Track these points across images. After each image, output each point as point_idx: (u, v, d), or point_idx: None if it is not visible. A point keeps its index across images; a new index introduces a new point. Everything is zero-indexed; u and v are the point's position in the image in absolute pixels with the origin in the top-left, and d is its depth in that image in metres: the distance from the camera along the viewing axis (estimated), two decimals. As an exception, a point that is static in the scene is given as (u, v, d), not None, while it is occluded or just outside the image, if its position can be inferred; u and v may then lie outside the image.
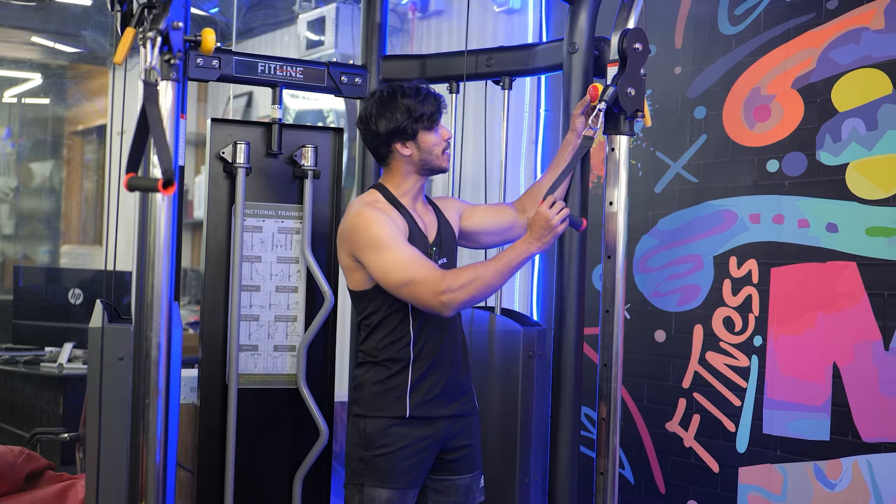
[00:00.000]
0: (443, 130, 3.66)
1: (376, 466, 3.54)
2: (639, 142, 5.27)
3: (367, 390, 3.61)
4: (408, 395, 3.56)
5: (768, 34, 4.72)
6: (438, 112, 3.63)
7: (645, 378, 5.19)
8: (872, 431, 4.27)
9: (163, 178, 2.78)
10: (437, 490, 3.68)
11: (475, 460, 3.74)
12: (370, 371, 3.62)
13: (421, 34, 6.89)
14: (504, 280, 3.46)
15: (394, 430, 3.55)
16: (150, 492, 3.23)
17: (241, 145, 4.19)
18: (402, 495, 3.54)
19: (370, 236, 3.49)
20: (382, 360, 3.60)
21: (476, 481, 3.74)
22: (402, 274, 3.43)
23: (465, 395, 3.72)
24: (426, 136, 3.61)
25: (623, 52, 3.74)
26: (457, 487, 3.68)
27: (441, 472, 3.67)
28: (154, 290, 3.20)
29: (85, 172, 11.00)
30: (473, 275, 3.40)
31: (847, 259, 4.37)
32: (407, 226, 3.59)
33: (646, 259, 5.21)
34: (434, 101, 3.62)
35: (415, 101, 3.59)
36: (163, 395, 3.22)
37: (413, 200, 3.68)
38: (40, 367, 6.66)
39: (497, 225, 3.91)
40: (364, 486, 3.55)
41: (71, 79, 10.49)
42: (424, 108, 3.59)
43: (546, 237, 3.42)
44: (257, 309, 4.29)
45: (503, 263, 3.42)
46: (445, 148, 3.65)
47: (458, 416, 3.67)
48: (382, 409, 3.57)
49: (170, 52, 3.20)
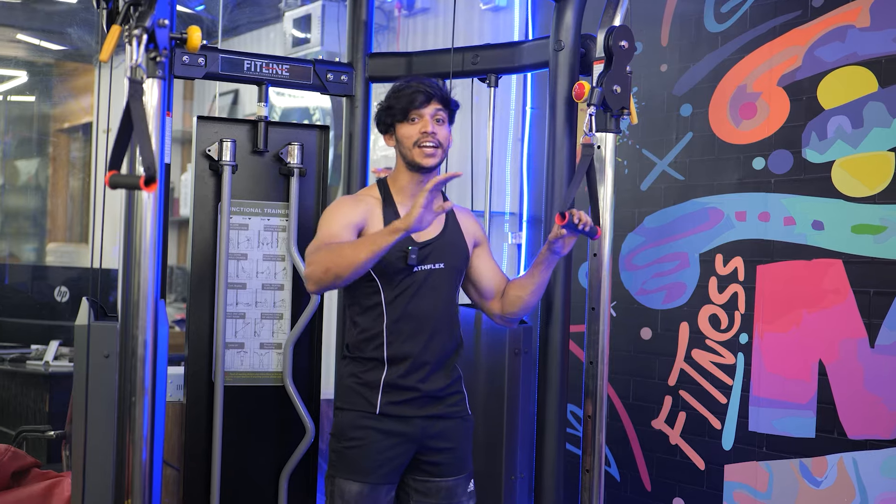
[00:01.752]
0: (423, 122, 3.57)
1: (346, 459, 3.54)
2: (625, 139, 5.27)
3: (344, 383, 3.63)
4: (380, 393, 3.54)
5: (754, 32, 4.73)
6: (414, 103, 3.55)
7: (631, 376, 5.20)
8: (858, 429, 4.28)
9: (145, 176, 2.78)
10: (419, 491, 3.63)
11: (461, 464, 3.67)
12: (349, 365, 3.64)
13: (407, 32, 6.90)
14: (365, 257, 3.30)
15: (365, 423, 3.54)
16: (137, 489, 3.22)
17: (227, 143, 4.19)
18: (371, 490, 3.51)
19: (322, 219, 3.56)
20: (358, 357, 3.60)
21: (462, 485, 3.67)
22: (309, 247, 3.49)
23: (448, 399, 3.65)
24: (401, 127, 3.59)
25: (609, 49, 3.74)
26: (438, 490, 3.63)
27: (422, 473, 3.62)
28: (140, 288, 3.19)
29: (71, 170, 10.98)
30: (337, 248, 3.36)
31: (833, 257, 4.38)
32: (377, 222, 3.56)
33: (632, 257, 5.21)
34: (411, 93, 3.56)
35: (391, 94, 3.61)
36: (149, 392, 3.22)
37: (411, 197, 3.63)
38: (26, 364, 6.65)
39: (486, 284, 3.81)
40: (335, 477, 3.55)
41: (57, 76, 10.47)
42: (395, 101, 3.58)
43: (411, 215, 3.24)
44: (243, 307, 4.29)
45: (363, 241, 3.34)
46: (419, 141, 3.56)
47: (439, 417, 3.62)
48: (354, 402, 3.57)
49: (155, 50, 3.19)
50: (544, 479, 3.95)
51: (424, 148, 3.55)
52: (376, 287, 3.54)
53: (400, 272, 3.54)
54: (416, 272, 3.56)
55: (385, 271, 3.52)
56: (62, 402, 6.20)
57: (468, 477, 3.70)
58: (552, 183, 4.00)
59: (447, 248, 3.65)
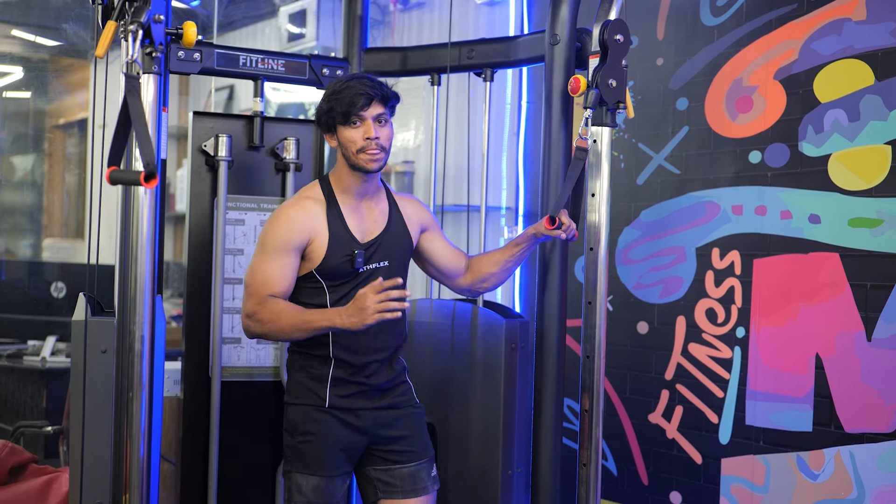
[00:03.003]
0: (366, 127, 3.50)
1: (301, 453, 3.58)
2: (621, 133, 5.27)
3: (293, 378, 3.66)
4: (328, 387, 3.58)
5: (750, 25, 4.73)
6: (355, 108, 3.47)
7: (627, 370, 5.20)
8: (855, 422, 4.28)
9: (145, 171, 2.78)
10: (382, 480, 3.68)
11: (421, 450, 3.72)
12: (298, 360, 3.66)
13: (402, 26, 6.89)
14: (298, 336, 3.46)
15: (316, 416, 3.57)
16: (134, 484, 3.23)
17: (223, 138, 4.18)
18: (328, 483, 3.55)
19: (263, 233, 3.55)
20: (306, 352, 3.62)
21: (425, 469, 3.71)
22: (249, 279, 3.51)
23: (394, 391, 3.70)
24: (343, 131, 3.52)
25: (604, 43, 3.74)
26: (403, 476, 3.67)
27: (382, 462, 3.67)
28: (137, 284, 3.19)
29: (67, 166, 10.96)
30: (276, 316, 3.42)
31: (829, 250, 4.38)
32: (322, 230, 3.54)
33: (628, 251, 5.21)
34: (352, 96, 3.47)
35: (333, 92, 3.52)
36: (146, 388, 3.22)
37: (355, 197, 3.61)
38: (23, 360, 6.66)
39: (444, 265, 3.86)
40: (292, 472, 3.59)
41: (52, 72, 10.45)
42: (336, 103, 3.50)
43: (354, 320, 3.28)
44: (240, 302, 4.29)
45: (305, 322, 3.39)
46: (364, 148, 3.50)
47: (387, 408, 3.66)
48: (304, 398, 3.60)
49: (151, 46, 3.19)
50: (541, 473, 3.95)
51: (369, 153, 3.50)
52: (321, 288, 3.57)
53: (346, 274, 3.56)
54: (361, 272, 3.58)
55: (330, 274, 3.55)
56: (59, 397, 6.20)
57: (430, 461, 3.75)
58: (548, 177, 3.99)
59: (392, 243, 3.67)
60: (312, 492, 3.54)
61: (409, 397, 3.75)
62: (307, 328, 3.38)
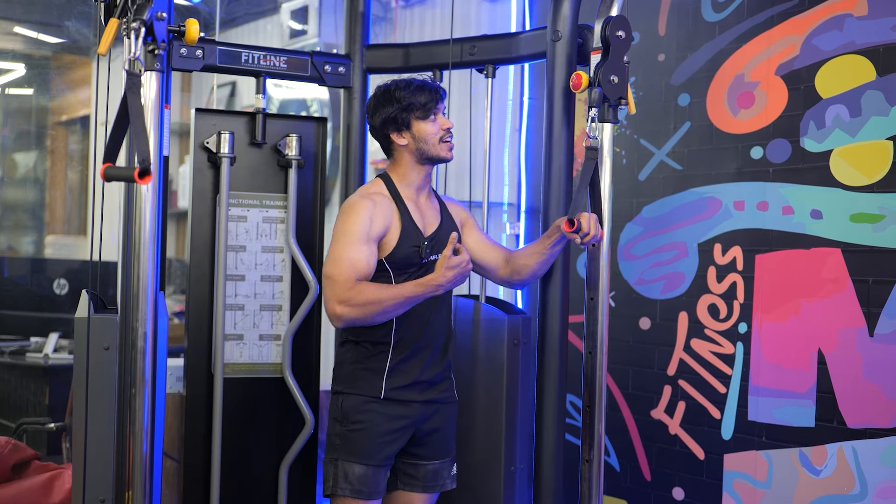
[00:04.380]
0: (441, 120, 3.72)
1: (351, 442, 3.64)
2: (623, 129, 5.27)
3: (346, 369, 3.73)
4: (384, 378, 3.67)
5: (752, 21, 4.73)
6: (434, 102, 3.71)
7: (630, 365, 5.20)
8: (857, 418, 4.28)
9: (139, 168, 2.78)
10: (406, 472, 3.79)
11: (446, 446, 3.83)
12: (350, 351, 3.73)
13: (404, 23, 6.89)
14: (398, 312, 3.55)
15: (369, 407, 3.65)
16: (137, 481, 3.23)
17: (225, 135, 4.18)
18: (375, 473, 3.64)
19: (341, 224, 3.63)
20: (362, 342, 3.70)
21: (446, 467, 3.84)
22: (329, 267, 3.57)
23: (443, 384, 3.81)
24: (420, 125, 3.70)
25: (606, 39, 3.74)
26: (426, 472, 3.79)
27: (410, 455, 3.77)
28: (140, 281, 3.20)
29: (69, 163, 10.96)
30: (376, 297, 3.49)
31: (831, 246, 4.38)
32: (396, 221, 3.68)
33: (630, 246, 5.21)
34: (428, 93, 3.70)
35: (406, 91, 3.69)
36: (149, 384, 3.22)
37: (416, 192, 3.78)
38: (26, 357, 6.66)
39: (481, 258, 3.95)
40: (339, 460, 3.65)
41: (54, 69, 10.45)
42: (416, 98, 3.68)
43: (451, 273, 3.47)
44: (242, 298, 4.29)
45: (405, 296, 3.50)
46: (444, 137, 3.72)
47: (434, 402, 3.76)
48: (359, 387, 3.68)
49: (154, 43, 3.20)
50: (544, 469, 3.95)
51: (448, 143, 3.73)
52: (388, 276, 3.67)
53: (412, 265, 3.69)
54: (424, 263, 3.71)
55: (399, 263, 3.67)
56: (62, 394, 6.20)
57: (452, 461, 3.87)
58: (549, 173, 3.99)
59: (447, 236, 3.74)
60: (358, 480, 3.62)
61: (451, 394, 3.87)
62: (407, 302, 3.51)
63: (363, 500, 3.63)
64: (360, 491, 3.62)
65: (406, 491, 3.80)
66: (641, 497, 5.15)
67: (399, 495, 3.82)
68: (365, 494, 3.62)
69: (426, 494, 3.82)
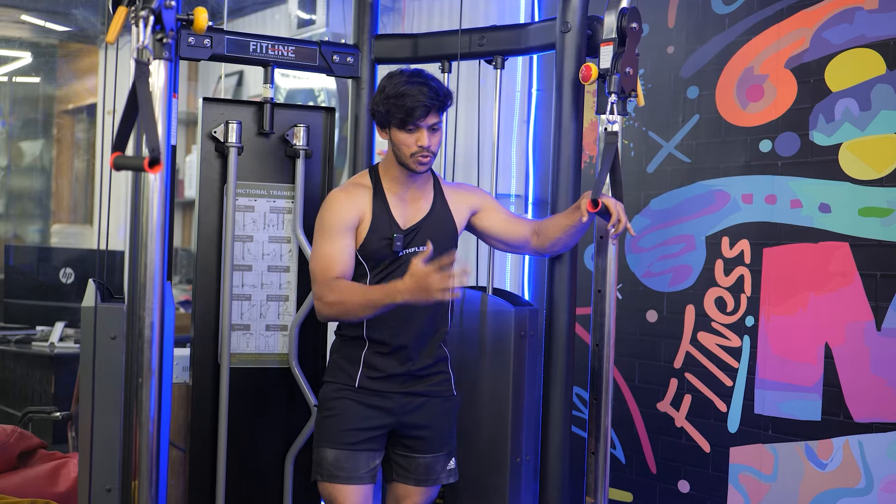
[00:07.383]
0: (420, 136, 3.60)
1: (324, 428, 3.70)
2: (631, 122, 5.26)
3: (331, 358, 3.79)
4: (360, 368, 3.69)
5: (761, 14, 4.71)
6: (413, 119, 3.56)
7: (636, 358, 5.20)
8: (864, 412, 4.28)
9: (149, 157, 2.78)
10: (400, 465, 3.81)
11: (440, 442, 3.82)
12: (335, 343, 3.80)
13: (413, 13, 6.88)
14: (365, 315, 3.53)
15: (343, 394, 3.69)
16: (143, 470, 3.23)
17: (232, 125, 4.18)
18: (348, 458, 3.64)
19: (318, 219, 3.67)
20: (342, 335, 3.75)
21: (440, 462, 3.82)
22: (313, 265, 3.62)
23: (431, 378, 3.79)
24: (398, 133, 3.62)
25: (622, 30, 3.73)
26: (417, 465, 3.80)
27: (403, 448, 3.79)
28: (147, 270, 3.19)
29: (75, 151, 10.98)
30: (342, 297, 3.49)
31: (840, 239, 4.37)
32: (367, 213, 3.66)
33: (638, 239, 5.20)
34: (407, 111, 3.55)
35: (392, 98, 3.59)
36: (155, 374, 3.22)
37: (402, 185, 3.73)
38: (32, 346, 6.67)
39: (507, 236, 3.92)
40: (316, 447, 3.71)
41: (61, 57, 10.46)
42: (395, 108, 3.57)
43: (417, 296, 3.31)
44: (249, 288, 4.29)
45: (370, 300, 3.44)
46: (416, 153, 3.61)
47: (418, 395, 3.75)
48: (336, 376, 3.73)
49: (162, 31, 3.19)
50: (550, 461, 3.95)
51: (419, 158, 3.63)
52: (364, 269, 3.68)
53: (385, 257, 3.67)
54: (401, 256, 3.68)
55: (371, 256, 3.67)
56: (67, 383, 6.21)
57: (448, 454, 3.86)
58: (558, 165, 3.99)
59: (433, 230, 3.75)
60: (331, 465, 3.64)
61: (445, 388, 3.84)
62: (372, 306, 3.44)
63: (340, 484, 3.63)
64: (335, 476, 3.63)
65: (401, 483, 3.82)
66: (647, 489, 5.14)
67: (396, 487, 3.84)
68: (342, 479, 3.63)
69: (421, 487, 3.82)
